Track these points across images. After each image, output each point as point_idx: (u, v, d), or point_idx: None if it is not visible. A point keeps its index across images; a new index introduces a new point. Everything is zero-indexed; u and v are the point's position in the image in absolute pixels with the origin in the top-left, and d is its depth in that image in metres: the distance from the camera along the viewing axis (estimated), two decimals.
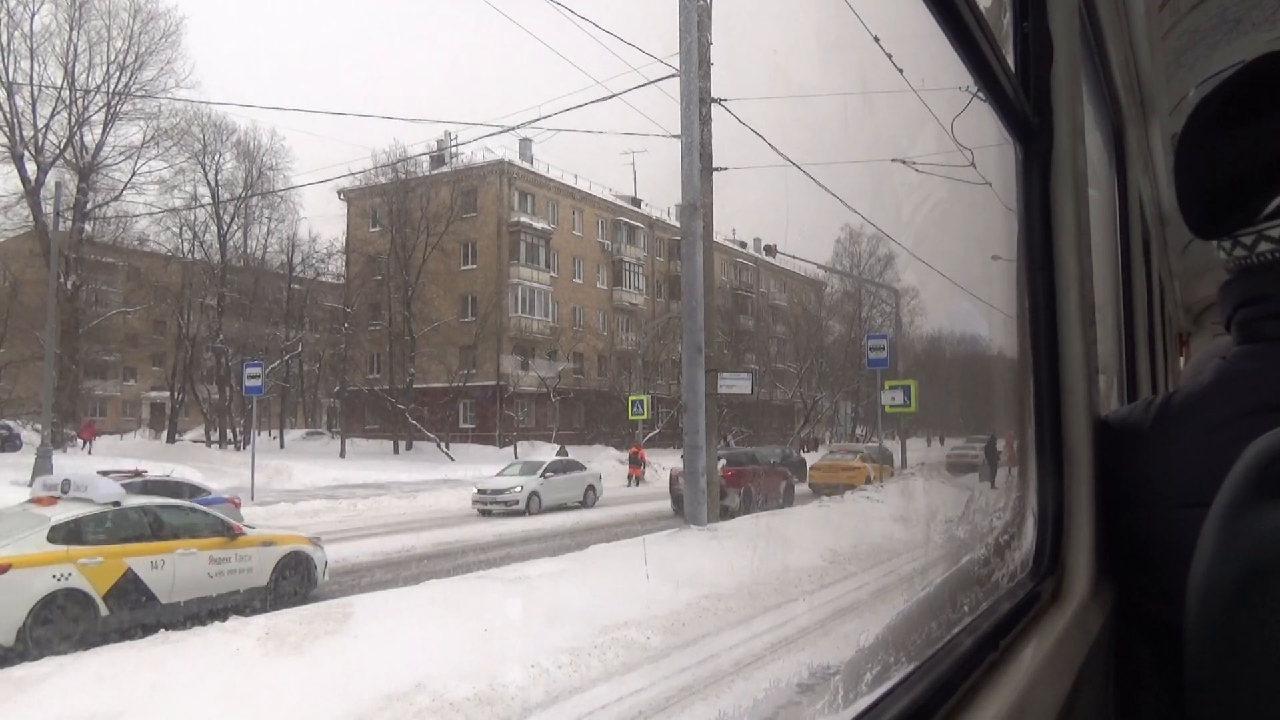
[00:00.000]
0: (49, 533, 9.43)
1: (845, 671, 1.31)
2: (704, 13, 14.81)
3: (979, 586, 1.34)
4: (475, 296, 46.01)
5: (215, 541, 10.88)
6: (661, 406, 44.76)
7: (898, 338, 32.52)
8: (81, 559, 9.43)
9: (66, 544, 9.47)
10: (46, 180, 34.13)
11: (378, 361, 45.91)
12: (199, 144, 40.03)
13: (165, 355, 45.77)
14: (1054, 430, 1.38)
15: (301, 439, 46.25)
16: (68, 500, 10.28)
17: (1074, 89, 1.50)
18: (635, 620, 8.58)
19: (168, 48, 37.01)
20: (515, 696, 6.82)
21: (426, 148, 45.34)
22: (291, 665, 7.13)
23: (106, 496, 10.42)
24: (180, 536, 10.61)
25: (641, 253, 54.81)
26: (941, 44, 1.17)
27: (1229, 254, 1.22)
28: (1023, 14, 1.46)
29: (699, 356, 14.58)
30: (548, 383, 45.58)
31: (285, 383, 44.18)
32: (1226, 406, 1.15)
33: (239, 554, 11.04)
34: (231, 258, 42.55)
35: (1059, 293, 1.44)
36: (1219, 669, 0.99)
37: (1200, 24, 2.57)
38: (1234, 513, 0.96)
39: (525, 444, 42.12)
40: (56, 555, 9.28)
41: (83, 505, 10.10)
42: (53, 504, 10.21)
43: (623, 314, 53.60)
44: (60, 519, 9.65)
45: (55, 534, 9.46)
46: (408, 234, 43.12)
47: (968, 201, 2.75)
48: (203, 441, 42.48)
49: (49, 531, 9.43)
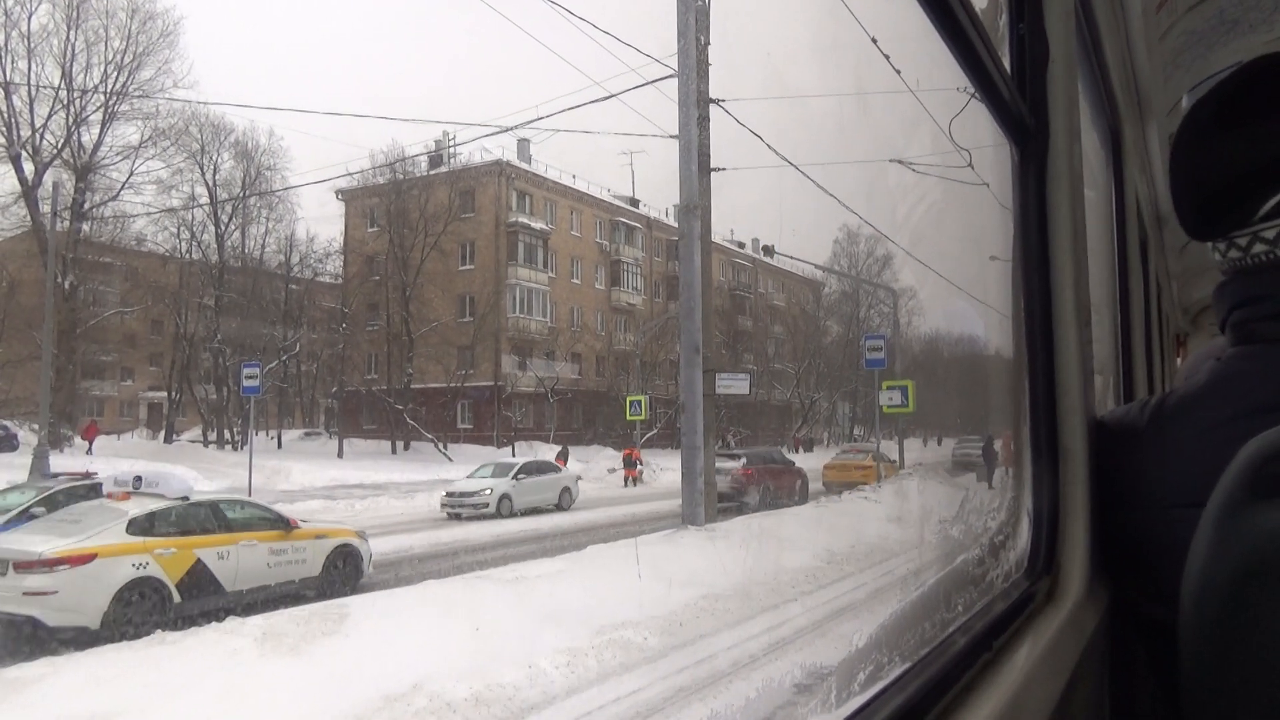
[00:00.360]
0: (128, 525, 10.11)
1: (839, 671, 1.31)
2: (702, 13, 14.82)
3: (974, 586, 1.34)
4: (473, 297, 45.99)
5: (273, 534, 11.57)
6: (660, 407, 44.77)
7: (895, 338, 32.55)
8: (157, 549, 10.13)
9: (143, 536, 10.14)
10: (44, 180, 34.12)
11: (375, 362, 45.89)
12: (197, 144, 40.12)
13: (163, 355, 45.70)
14: (1049, 430, 1.39)
15: (299, 439, 46.17)
16: (140, 495, 10.97)
17: (1070, 90, 1.51)
18: (632, 621, 8.57)
19: (165, 48, 37.11)
20: (513, 697, 6.81)
21: (424, 148, 45.44)
22: (289, 666, 7.13)
23: (177, 492, 11.26)
24: (242, 530, 11.34)
25: (639, 253, 54.82)
26: (938, 45, 1.17)
27: (1223, 255, 1.23)
28: (1018, 16, 1.46)
29: (697, 357, 14.58)
30: (545, 383, 45.58)
31: (283, 383, 44.17)
32: (1221, 407, 1.16)
33: (294, 546, 11.73)
34: (229, 258, 42.55)
35: (1054, 293, 1.44)
36: (1214, 668, 0.99)
37: (1197, 25, 2.57)
38: (1229, 513, 0.97)
39: (523, 444, 42.12)
40: (135, 546, 9.98)
41: (155, 500, 10.83)
42: (127, 499, 10.91)
43: (621, 314, 53.60)
44: (137, 513, 10.34)
45: (133, 526, 10.14)
46: (405, 234, 43.13)
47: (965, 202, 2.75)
48: (200, 442, 42.44)
49: (127, 524, 10.11)
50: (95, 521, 10.17)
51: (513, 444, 42.40)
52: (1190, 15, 2.51)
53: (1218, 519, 0.98)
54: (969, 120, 1.81)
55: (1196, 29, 2.59)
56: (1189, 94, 3.05)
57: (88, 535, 9.74)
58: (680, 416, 15.48)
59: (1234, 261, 1.21)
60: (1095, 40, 2.19)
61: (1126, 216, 2.90)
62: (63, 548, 9.44)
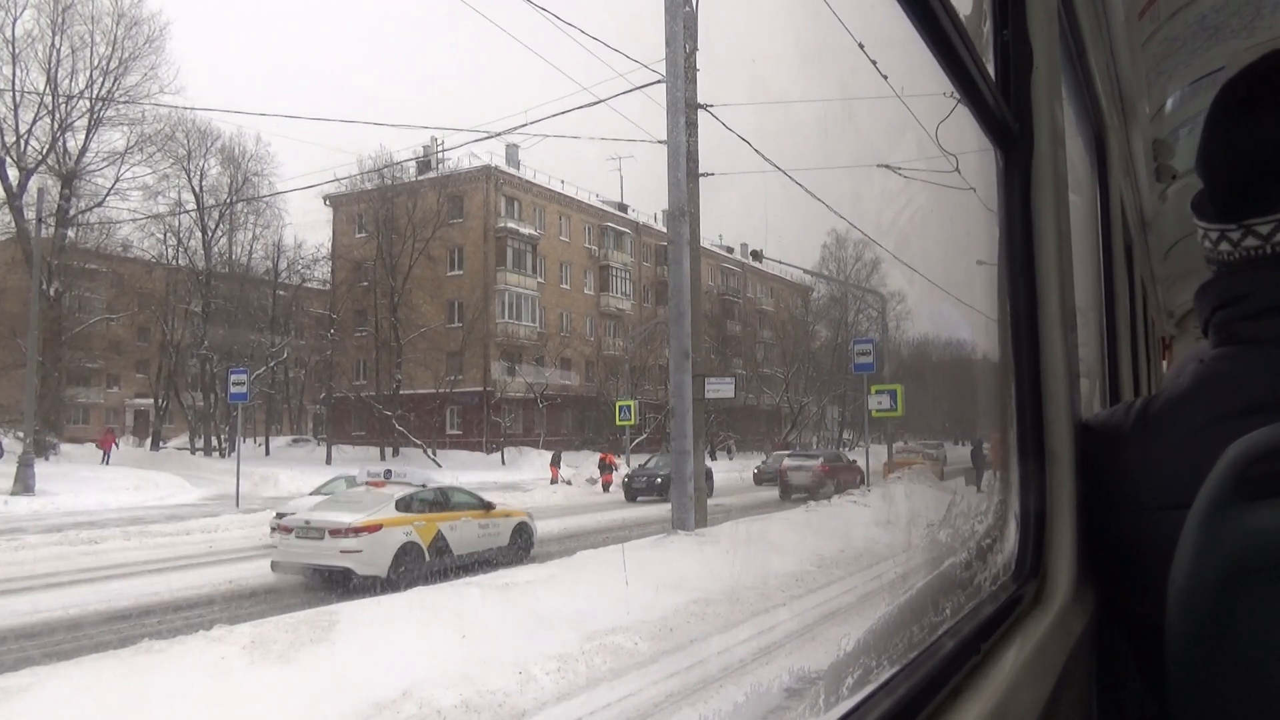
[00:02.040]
0: (396, 504, 13.55)
1: (828, 675, 1.31)
2: (689, 19, 14.85)
3: (961, 590, 1.34)
4: (462, 302, 45.93)
5: (479, 513, 14.81)
6: (649, 411, 44.77)
7: (884, 342, 32.63)
8: (415, 522, 13.50)
9: (405, 512, 13.54)
10: (29, 186, 33.90)
11: (364, 367, 45.76)
12: (183, 150, 40.00)
13: (149, 362, 45.44)
14: (1036, 433, 1.39)
15: (287, 446, 45.97)
16: (392, 484, 14.86)
17: (1054, 95, 1.51)
18: (622, 626, 8.56)
19: (151, 53, 36.89)
20: (503, 703, 6.79)
21: (413, 153, 45.25)
22: (277, 674, 7.07)
23: (419, 480, 15.16)
24: (462, 509, 14.65)
25: (628, 258, 54.84)
26: (923, 51, 1.17)
27: (1213, 246, 1.21)
28: (1002, 21, 1.47)
29: (686, 362, 14.58)
30: (535, 388, 45.51)
31: (270, 389, 43.94)
32: (1205, 409, 1.16)
33: (493, 522, 14.92)
34: (216, 264, 42.38)
35: (1040, 297, 1.44)
36: (1201, 669, 1.00)
37: (1179, 31, 2.60)
38: (1214, 514, 0.97)
39: (513, 449, 42.02)
40: (403, 519, 13.36)
41: (404, 486, 14.48)
42: (382, 486, 14.89)
43: (610, 319, 53.59)
44: (400, 495, 13.86)
45: (399, 505, 13.58)
46: (394, 239, 43.03)
47: (952, 207, 2.76)
48: (187, 449, 42.20)
49: (396, 503, 13.56)
50: (371, 502, 13.67)
51: (502, 449, 42.27)
52: (1172, 21, 2.54)
53: (1203, 520, 0.98)
54: (956, 125, 1.82)
55: (1179, 35, 2.62)
56: (1176, 95, 3.07)
57: (372, 511, 13.14)
58: (670, 421, 15.51)
59: (1224, 254, 1.20)
60: (1079, 46, 2.20)
61: (1111, 221, 2.92)
62: (361, 519, 12.80)
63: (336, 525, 12.71)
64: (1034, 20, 1.48)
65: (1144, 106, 3.16)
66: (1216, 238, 1.21)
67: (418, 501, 13.94)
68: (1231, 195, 1.18)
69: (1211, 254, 1.23)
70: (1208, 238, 1.23)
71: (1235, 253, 1.18)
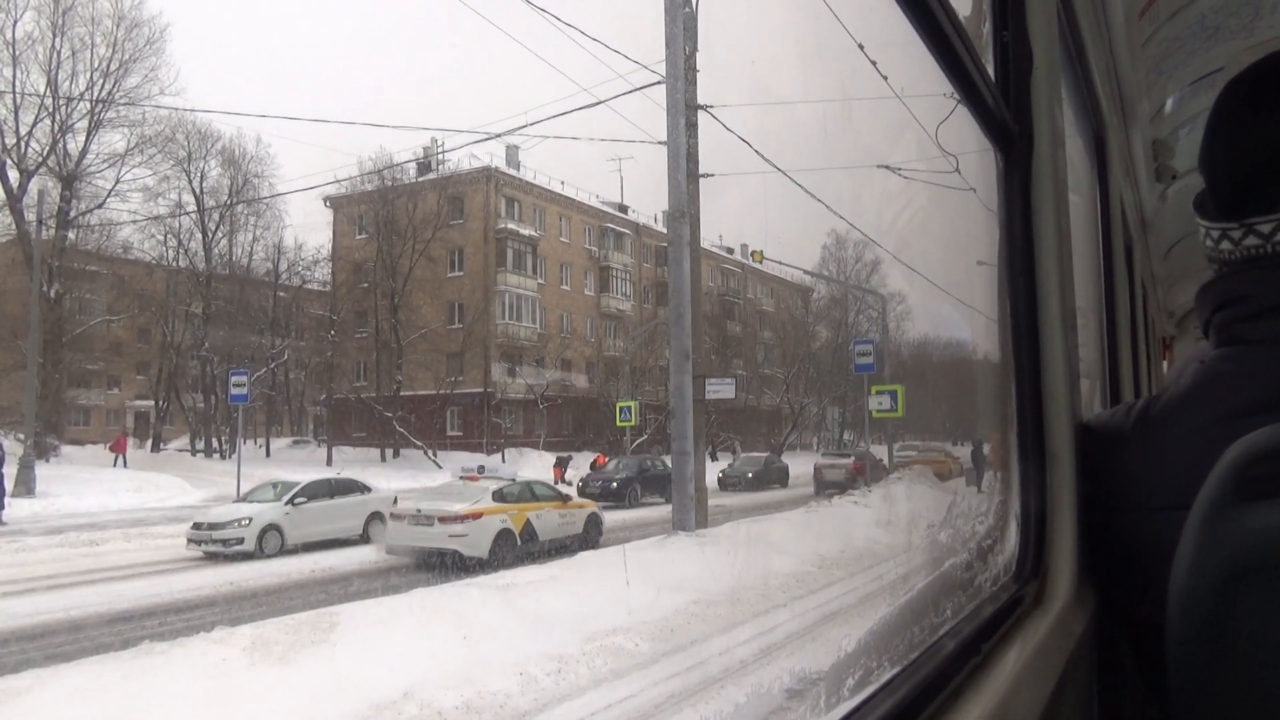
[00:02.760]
0: (493, 495, 15.49)
1: (829, 675, 1.31)
2: (689, 20, 14.85)
3: (962, 590, 1.34)
4: (462, 303, 45.89)
5: (559, 504, 17.03)
6: (649, 412, 44.74)
7: (884, 343, 32.61)
8: (509, 511, 15.39)
9: (500, 502, 15.48)
10: (29, 188, 33.88)
11: (364, 369, 45.71)
12: (183, 151, 39.88)
13: (150, 364, 45.37)
14: (1036, 434, 1.39)
15: (288, 447, 45.91)
16: (485, 478, 17.00)
17: (1053, 96, 1.51)
18: (623, 626, 8.56)
19: (152, 55, 36.78)
20: (504, 704, 6.79)
21: (413, 154, 45.18)
22: (278, 675, 7.08)
23: (509, 475, 17.73)
24: (543, 500, 16.71)
25: (629, 259, 54.78)
26: (923, 52, 1.17)
27: (1215, 244, 1.22)
28: (1002, 23, 1.47)
29: (686, 362, 14.58)
30: (535, 389, 45.47)
31: (271, 391, 43.91)
32: (1206, 410, 1.16)
33: (570, 512, 17.02)
34: (216, 265, 42.30)
35: (1040, 298, 1.44)
36: (1201, 669, 1.00)
37: (1179, 32, 2.60)
38: (1214, 515, 0.97)
39: (513, 450, 41.98)
40: (499, 509, 15.31)
41: (496, 480, 16.59)
42: (476, 479, 16.99)
43: (610, 320, 53.55)
44: (495, 488, 15.88)
45: (495, 496, 15.52)
46: (394, 241, 42.98)
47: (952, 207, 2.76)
48: (188, 450, 42.16)
49: (492, 494, 15.52)
50: (471, 493, 15.59)
51: (502, 450, 42.22)
52: (1172, 22, 2.54)
53: (1203, 521, 0.98)
54: (955, 126, 1.82)
55: (1178, 35, 2.62)
56: (1173, 99, 3.07)
57: (474, 501, 15.07)
58: (670, 422, 15.52)
59: (1225, 253, 1.21)
60: (1078, 47, 2.20)
61: (1111, 221, 2.92)
62: (466, 508, 14.72)
63: (445, 513, 14.58)
64: (1034, 21, 1.48)
65: (1144, 107, 3.16)
66: (1218, 236, 1.21)
67: (509, 494, 15.88)
68: (1233, 194, 1.18)
69: (1213, 252, 1.23)
70: (1209, 236, 1.23)
71: (1236, 251, 1.18)
